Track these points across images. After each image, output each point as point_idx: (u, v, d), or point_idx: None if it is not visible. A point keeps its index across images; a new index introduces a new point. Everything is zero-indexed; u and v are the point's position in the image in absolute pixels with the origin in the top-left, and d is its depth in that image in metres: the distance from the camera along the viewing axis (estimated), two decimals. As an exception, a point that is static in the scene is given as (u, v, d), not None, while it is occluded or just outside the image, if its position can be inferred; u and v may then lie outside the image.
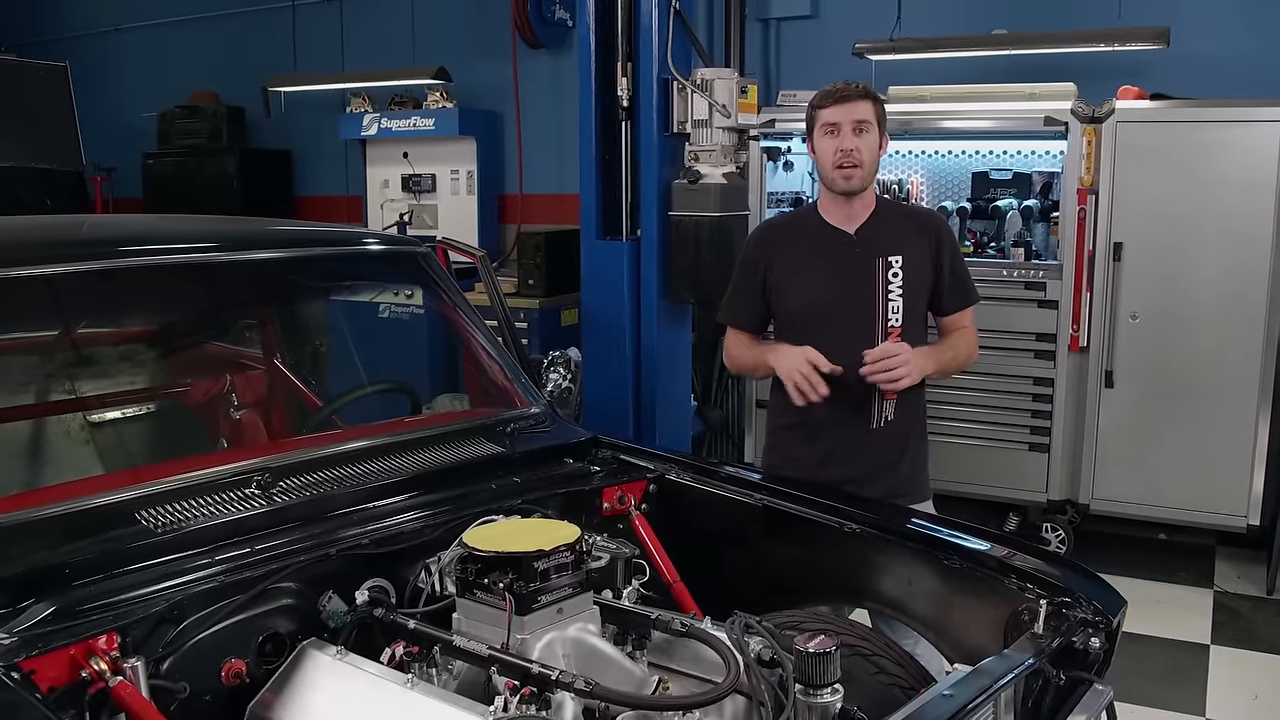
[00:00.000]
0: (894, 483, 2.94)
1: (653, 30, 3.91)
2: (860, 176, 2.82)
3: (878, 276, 2.87)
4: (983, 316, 5.02)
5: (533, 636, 1.89)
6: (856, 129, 2.80)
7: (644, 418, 4.15)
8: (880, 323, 2.87)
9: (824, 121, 2.82)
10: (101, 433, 3.21)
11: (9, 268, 2.39)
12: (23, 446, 2.76)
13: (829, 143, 2.81)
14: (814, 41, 6.33)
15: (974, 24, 5.56)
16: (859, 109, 2.81)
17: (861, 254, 2.88)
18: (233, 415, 3.50)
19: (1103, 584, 2.26)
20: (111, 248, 2.61)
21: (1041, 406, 5.13)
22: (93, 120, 8.97)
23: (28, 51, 8.70)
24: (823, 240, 2.92)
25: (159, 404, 3.47)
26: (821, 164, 2.87)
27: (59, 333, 2.90)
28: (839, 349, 2.85)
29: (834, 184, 2.85)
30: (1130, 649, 4.33)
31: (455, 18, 7.46)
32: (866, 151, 2.81)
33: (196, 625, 1.91)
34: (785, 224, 3.12)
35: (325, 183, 8.29)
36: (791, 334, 2.96)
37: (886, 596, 2.54)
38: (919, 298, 2.91)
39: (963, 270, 3.00)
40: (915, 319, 2.92)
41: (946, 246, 2.95)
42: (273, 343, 3.62)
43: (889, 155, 5.85)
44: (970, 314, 3.02)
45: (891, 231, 2.91)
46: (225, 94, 8.25)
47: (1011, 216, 5.37)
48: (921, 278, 2.90)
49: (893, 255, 2.87)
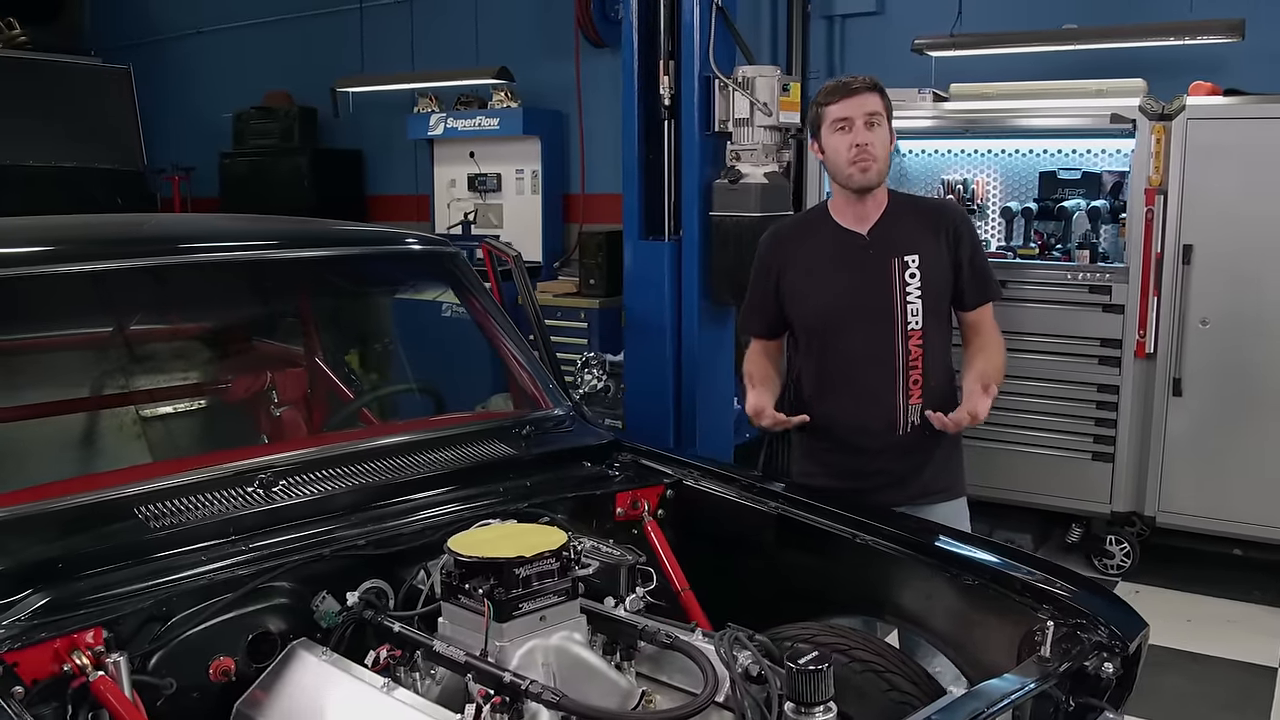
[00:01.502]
0: (924, 482, 2.86)
1: (694, 28, 3.86)
2: (877, 170, 2.72)
3: (894, 279, 2.77)
4: (1045, 320, 4.97)
5: (512, 644, 1.87)
6: (868, 123, 2.70)
7: (684, 419, 4.10)
8: (899, 326, 2.78)
9: (833, 118, 2.72)
10: (127, 429, 3.29)
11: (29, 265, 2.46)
12: (44, 438, 2.82)
13: (841, 139, 2.71)
14: (879, 38, 6.20)
15: (1039, 19, 5.39)
16: (869, 102, 2.71)
17: (876, 256, 2.78)
18: (273, 412, 3.56)
19: (1123, 606, 2.15)
20: (133, 247, 2.66)
21: (1106, 414, 4.94)
22: (175, 121, 9.26)
23: (116, 55, 8.99)
24: (835, 243, 2.83)
25: (195, 401, 3.54)
26: (834, 162, 2.76)
27: (85, 331, 2.98)
28: (857, 356, 2.80)
29: (850, 180, 2.74)
30: (1193, 670, 4.16)
31: (521, 18, 7.50)
32: (880, 145, 2.72)
33: (184, 622, 1.93)
34: (795, 227, 3.03)
35: (395, 182, 8.40)
36: (808, 342, 2.89)
37: (906, 611, 2.47)
38: (939, 297, 2.81)
39: (983, 263, 2.89)
40: (936, 319, 2.82)
41: (965, 239, 2.84)
42: (313, 341, 3.67)
43: (954, 154, 5.80)
44: (991, 309, 2.91)
45: (906, 230, 2.80)
46: (299, 95, 8.42)
47: (1078, 217, 5.19)
48: (940, 276, 2.80)
49: (909, 255, 2.77)
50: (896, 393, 2.79)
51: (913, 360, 2.78)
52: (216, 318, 3.16)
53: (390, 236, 3.13)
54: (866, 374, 2.80)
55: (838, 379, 2.83)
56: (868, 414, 2.82)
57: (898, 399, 2.80)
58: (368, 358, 3.96)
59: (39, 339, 2.97)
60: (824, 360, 2.86)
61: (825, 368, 2.85)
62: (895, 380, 2.79)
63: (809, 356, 2.89)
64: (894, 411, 2.81)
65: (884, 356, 2.77)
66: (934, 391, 2.83)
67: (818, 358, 2.87)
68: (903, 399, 2.80)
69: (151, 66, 9.29)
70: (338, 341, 3.93)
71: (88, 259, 2.58)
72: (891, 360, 2.78)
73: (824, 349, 2.85)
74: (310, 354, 3.65)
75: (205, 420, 3.52)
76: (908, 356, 2.78)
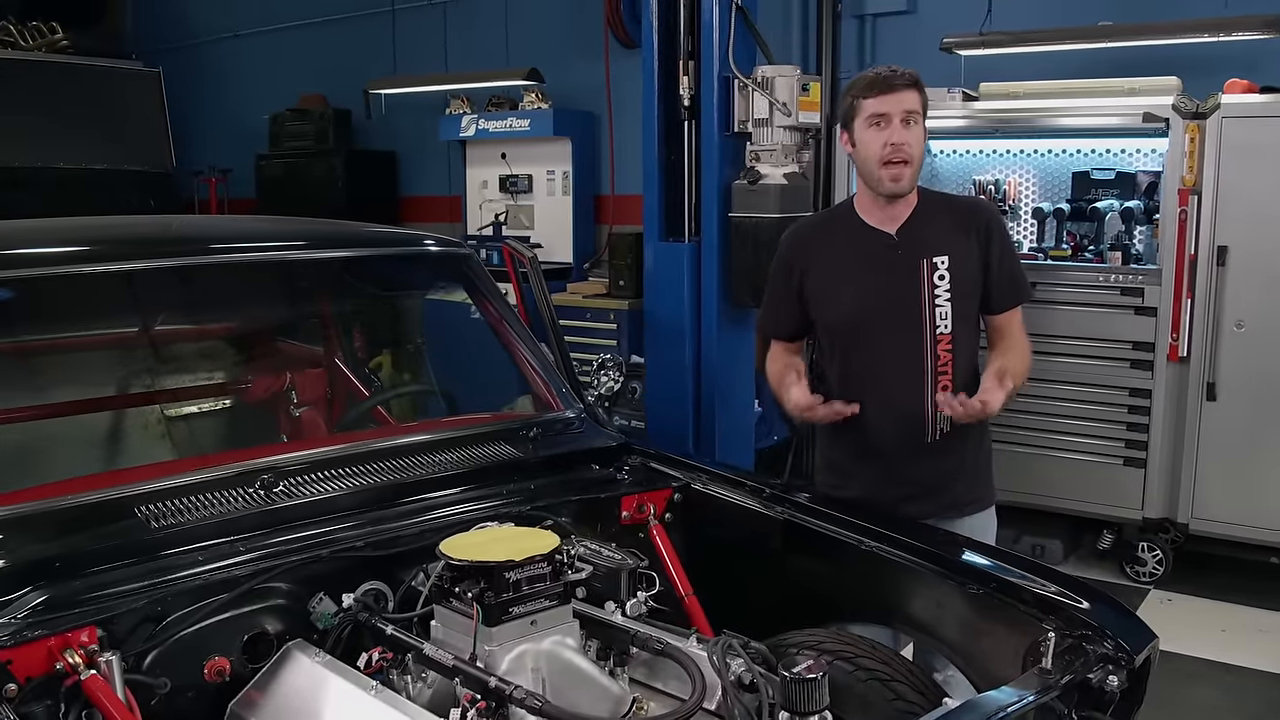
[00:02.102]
0: (955, 494, 2.76)
1: (714, 27, 3.83)
2: (910, 175, 2.60)
3: (922, 281, 2.65)
4: (1076, 323, 4.88)
5: (501, 648, 1.86)
6: (905, 120, 2.55)
7: (703, 422, 4.08)
8: (928, 330, 2.66)
9: (869, 112, 2.56)
10: (152, 427, 3.32)
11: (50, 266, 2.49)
12: (59, 437, 2.86)
13: (876, 135, 2.56)
14: (910, 37, 6.13)
15: (1072, 16, 5.30)
16: (908, 99, 2.56)
17: (904, 257, 2.67)
18: (292, 413, 3.58)
19: (1131, 618, 2.10)
20: (150, 248, 2.69)
21: (1138, 419, 4.85)
22: (212, 123, 9.37)
23: (156, 58, 9.13)
24: (861, 243, 2.71)
25: (214, 401, 3.57)
26: (864, 161, 2.62)
27: (104, 331, 3.02)
28: (884, 361, 2.70)
29: (880, 185, 2.61)
30: (1225, 681, 4.06)
31: (552, 19, 7.51)
32: (916, 145, 2.58)
33: (179, 622, 1.93)
34: (820, 224, 2.95)
35: (429, 183, 8.45)
36: (832, 346, 2.80)
37: (916, 619, 2.43)
38: (968, 301, 2.70)
39: (1014, 265, 2.78)
40: (965, 324, 2.71)
41: (996, 239, 2.72)
42: (331, 341, 3.69)
43: (986, 154, 5.73)
44: (1020, 313, 2.79)
45: (937, 229, 2.69)
46: (333, 97, 8.48)
47: (1111, 218, 5.10)
48: (970, 278, 2.68)
49: (938, 256, 2.65)
50: (925, 399, 2.68)
51: (942, 365, 2.68)
52: (230, 318, 3.18)
53: (404, 238, 3.14)
54: (893, 380, 2.69)
55: (863, 385, 2.71)
56: (894, 422, 2.70)
57: (926, 405, 2.68)
58: (396, 359, 3.97)
59: (58, 339, 3.00)
60: (848, 365, 2.75)
61: (849, 373, 2.75)
62: (923, 386, 2.67)
63: (832, 361, 2.80)
64: (922, 419, 2.69)
65: (912, 361, 2.67)
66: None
67: (841, 362, 2.77)
68: (930, 406, 2.69)
69: (190, 70, 9.43)
70: (356, 342, 3.95)
71: (106, 260, 2.61)
72: (920, 365, 2.67)
73: (848, 353, 2.75)
74: (330, 354, 3.68)
75: (223, 420, 3.55)
76: (936, 362, 2.67)
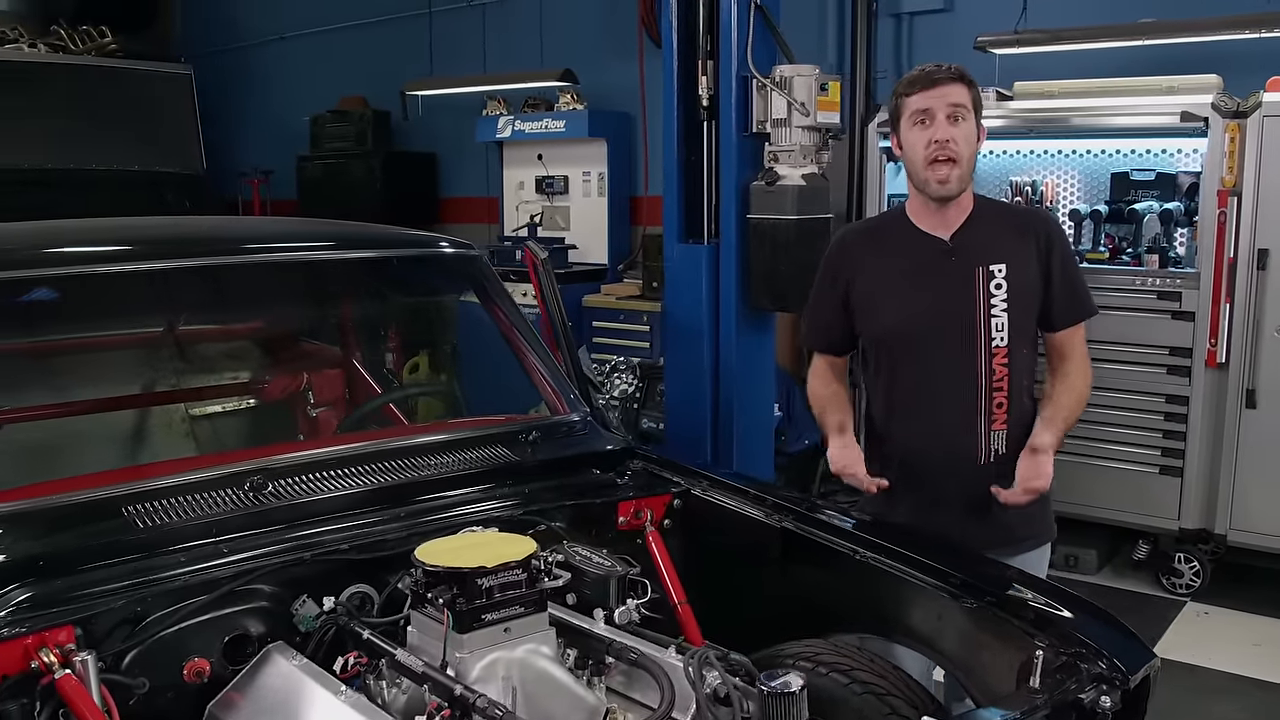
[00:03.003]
0: (1009, 525, 2.57)
1: (732, 26, 3.78)
2: (958, 176, 2.45)
3: (978, 289, 2.49)
4: (1112, 328, 4.76)
5: (472, 655, 1.84)
6: (951, 116, 2.42)
7: (722, 425, 4.03)
8: (982, 343, 2.50)
9: (912, 109, 2.44)
10: (175, 426, 3.36)
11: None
12: (68, 435, 2.89)
13: (919, 134, 2.44)
14: (947, 36, 6.02)
15: (1110, 13, 5.17)
16: (953, 92, 2.43)
17: (958, 264, 2.51)
18: (310, 413, 3.61)
19: (1129, 637, 2.03)
20: (158, 250, 2.71)
21: (1175, 427, 4.72)
22: (256, 125, 9.50)
23: (204, 61, 9.29)
24: (913, 249, 2.56)
25: (232, 401, 3.61)
26: (911, 161, 2.49)
27: (115, 332, 3.05)
28: (934, 376, 2.54)
29: (926, 187, 2.47)
30: (1255, 697, 3.94)
31: (587, 20, 7.50)
32: (964, 143, 2.44)
33: (159, 622, 1.94)
34: (869, 230, 2.80)
35: (467, 184, 8.48)
36: (878, 359, 2.64)
37: (917, 631, 2.37)
38: (1026, 313, 2.53)
39: (1076, 277, 2.60)
40: (1022, 337, 2.53)
41: (1058, 250, 2.55)
42: (343, 342, 3.71)
43: (1023, 155, 5.61)
44: (1083, 331, 2.62)
45: (994, 235, 2.53)
46: (374, 99, 8.55)
47: (1149, 220, 4.97)
48: (1029, 289, 2.52)
49: (995, 264, 2.49)
50: (978, 418, 2.52)
51: (997, 381, 2.51)
52: (234, 319, 3.20)
53: (411, 239, 3.13)
54: (945, 396, 2.53)
55: (912, 401, 2.58)
56: (945, 441, 2.55)
57: (979, 425, 2.52)
58: (434, 359, 3.98)
59: (66, 340, 3.05)
60: (896, 380, 2.60)
61: (898, 388, 2.60)
62: (977, 404, 2.52)
63: (879, 375, 2.64)
64: (975, 439, 2.53)
65: (965, 377, 2.51)
66: (1019, 417, 2.55)
67: (889, 377, 2.61)
68: (984, 424, 2.52)
69: (237, 72, 9.57)
70: (391, 343, 3.97)
71: (114, 261, 2.64)
72: (974, 381, 2.51)
73: (897, 367, 2.59)
74: (348, 355, 3.70)
75: (238, 420, 3.59)
76: (991, 377, 2.51)
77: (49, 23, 8.68)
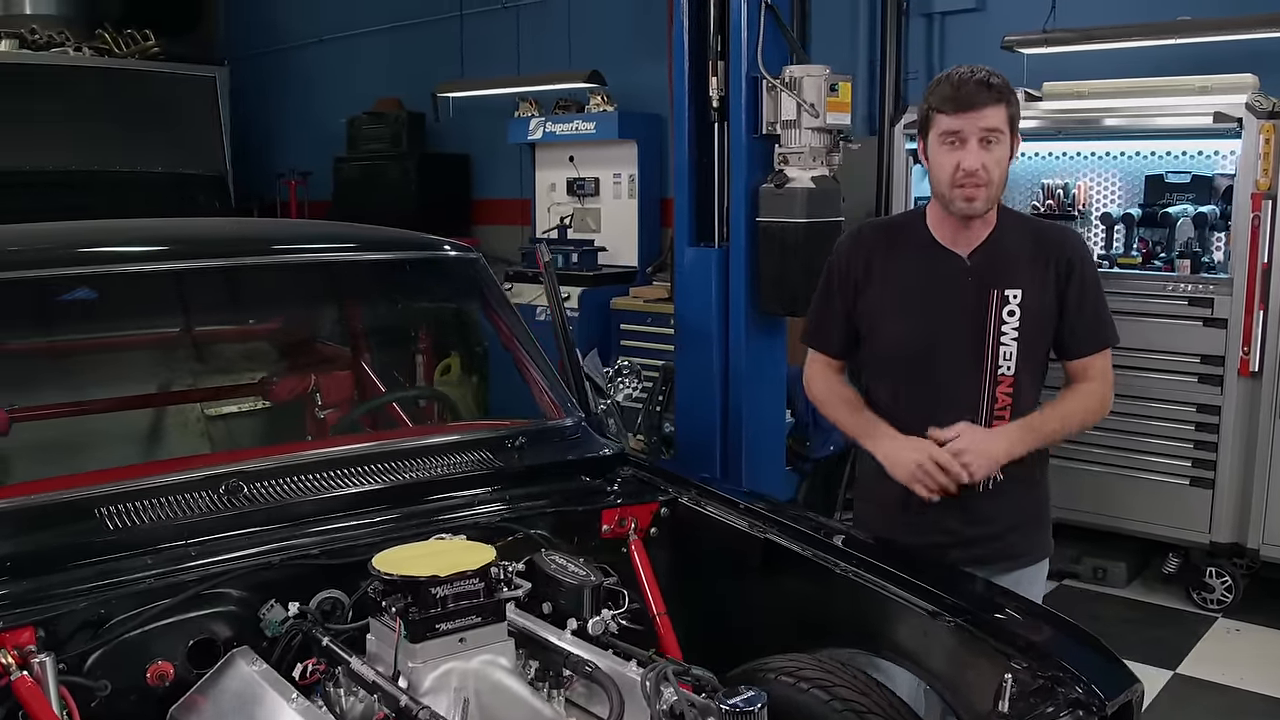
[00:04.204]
0: (1007, 544, 2.51)
1: (742, 26, 3.73)
2: (985, 198, 2.32)
3: (990, 314, 2.40)
4: (1141, 335, 4.63)
5: (425, 666, 1.81)
6: (985, 140, 2.29)
7: (731, 430, 3.98)
8: (988, 370, 2.41)
9: (943, 129, 2.30)
10: (173, 425, 3.39)
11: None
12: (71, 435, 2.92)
13: (948, 157, 2.30)
14: (979, 35, 5.91)
15: (1144, 12, 5.04)
16: (989, 116, 2.27)
17: (973, 285, 2.40)
18: (318, 415, 3.61)
19: (1110, 661, 1.95)
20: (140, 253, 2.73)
21: (1206, 437, 4.58)
22: (297, 126, 9.61)
23: (246, 64, 9.41)
24: (928, 263, 2.44)
25: (242, 403, 3.63)
26: (937, 178, 2.36)
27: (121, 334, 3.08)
28: (935, 399, 2.44)
29: (951, 204, 2.35)
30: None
31: (618, 21, 7.48)
32: (996, 169, 2.30)
33: (122, 625, 1.93)
34: (883, 232, 2.62)
35: (501, 185, 8.50)
36: (879, 372, 2.55)
37: (903, 647, 2.30)
38: (1037, 342, 2.44)
39: (1097, 305, 2.48)
40: (1030, 366, 2.44)
41: (1077, 276, 2.43)
42: (360, 345, 3.72)
43: (1055, 157, 5.49)
44: (1104, 359, 2.49)
45: (1014, 257, 2.42)
46: (409, 100, 8.60)
47: (1182, 224, 4.83)
48: (1043, 317, 2.42)
49: (1010, 289, 2.38)
50: None
51: (999, 409, 2.43)
52: (236, 320, 3.22)
53: (408, 241, 3.11)
54: (945, 420, 2.40)
55: (912, 422, 2.45)
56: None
57: None
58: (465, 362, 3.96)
59: (71, 341, 3.08)
60: (898, 398, 2.51)
61: (899, 407, 2.50)
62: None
63: (878, 387, 2.56)
64: None
65: (967, 401, 2.42)
66: None
67: (890, 394, 2.52)
68: None
69: (277, 74, 9.69)
70: (421, 344, 3.97)
71: (116, 262, 2.66)
72: (976, 406, 2.43)
73: (898, 384, 2.50)
74: (356, 358, 3.70)
75: (243, 421, 3.61)
76: (994, 404, 2.43)
77: (95, 26, 8.85)
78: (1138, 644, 4.35)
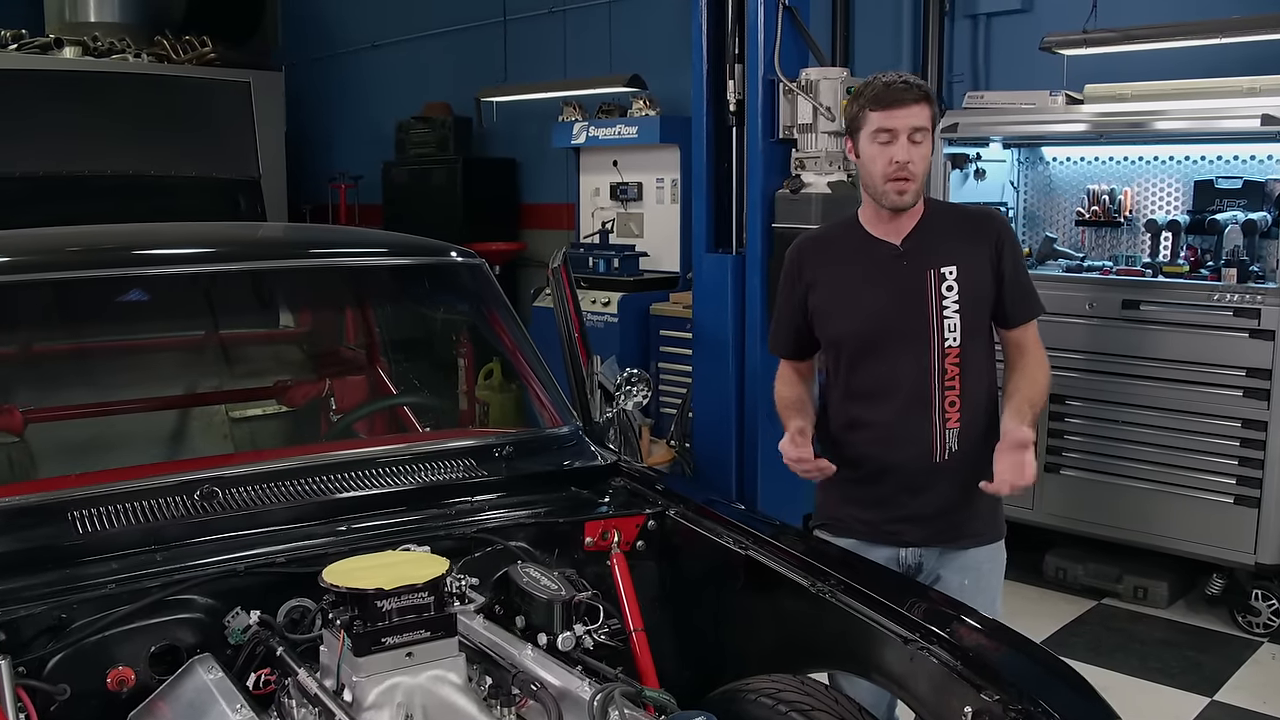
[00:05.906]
0: (962, 521, 2.64)
1: (759, 28, 3.66)
2: (914, 191, 2.54)
3: (930, 292, 2.57)
4: (1184, 346, 4.47)
5: (370, 680, 1.78)
6: (913, 138, 2.50)
7: (747, 436, 3.91)
8: (935, 344, 2.57)
9: (875, 126, 2.51)
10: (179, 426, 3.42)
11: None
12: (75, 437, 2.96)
13: (880, 151, 2.52)
14: (1025, 37, 5.75)
15: (1194, 10, 4.86)
16: (917, 114, 2.50)
17: (910, 267, 2.59)
18: (332, 419, 3.63)
19: (1085, 694, 1.85)
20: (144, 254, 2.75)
21: (1252, 454, 4.39)
22: (350, 130, 9.73)
23: (305, 68, 9.57)
24: (866, 254, 2.63)
25: (255, 406, 3.65)
26: (869, 173, 2.57)
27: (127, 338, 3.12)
28: (889, 376, 2.60)
29: (884, 198, 2.56)
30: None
31: (661, 26, 7.44)
32: (921, 162, 2.53)
33: (83, 630, 1.94)
34: (823, 238, 2.83)
35: (547, 190, 8.52)
36: (835, 361, 2.69)
37: (889, 671, 2.22)
38: (978, 313, 2.61)
39: (1025, 278, 2.69)
40: (976, 337, 2.61)
41: (1008, 251, 2.64)
42: (375, 350, 3.73)
43: (1101, 162, 5.31)
44: (1035, 327, 2.70)
45: (944, 239, 2.61)
46: (458, 105, 8.66)
47: (1230, 231, 4.63)
48: (980, 290, 2.60)
49: (945, 267, 2.57)
50: (932, 416, 2.58)
51: (949, 381, 2.58)
52: (237, 323, 3.24)
53: (417, 247, 3.10)
54: (899, 395, 2.60)
55: (867, 401, 2.64)
56: (900, 440, 2.61)
57: (933, 423, 2.59)
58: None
59: (70, 342, 3.12)
60: (852, 381, 2.67)
61: (854, 389, 2.67)
62: (930, 403, 2.58)
63: (836, 376, 2.72)
64: (929, 437, 2.60)
65: (918, 376, 2.58)
66: (973, 415, 2.61)
67: (845, 378, 2.68)
68: (939, 422, 2.59)
69: (331, 79, 9.83)
70: (462, 347, 3.97)
71: (108, 266, 2.69)
72: (927, 381, 2.58)
73: (853, 369, 2.66)
74: (372, 362, 3.71)
75: (262, 425, 3.64)
76: (944, 376, 2.58)
77: (155, 33, 9.07)
78: (1176, 668, 4.19)
